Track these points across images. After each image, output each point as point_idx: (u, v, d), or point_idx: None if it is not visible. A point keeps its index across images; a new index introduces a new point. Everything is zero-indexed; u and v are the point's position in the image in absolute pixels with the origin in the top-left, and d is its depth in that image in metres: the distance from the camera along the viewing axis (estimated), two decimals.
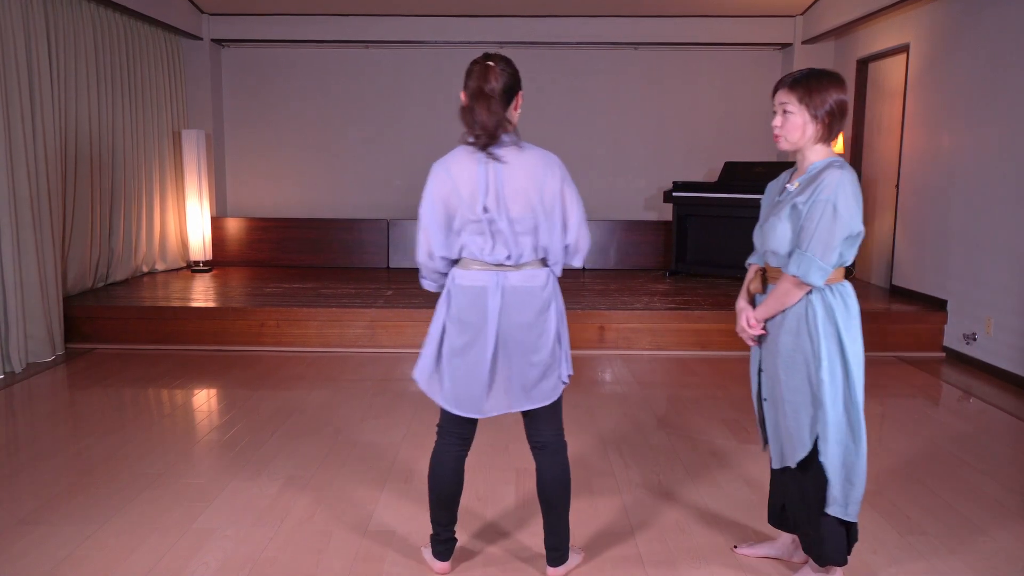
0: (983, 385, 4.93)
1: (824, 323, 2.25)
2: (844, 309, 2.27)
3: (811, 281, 2.21)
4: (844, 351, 2.26)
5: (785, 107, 2.26)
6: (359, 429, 3.98)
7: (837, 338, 2.26)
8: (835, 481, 2.30)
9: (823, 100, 2.22)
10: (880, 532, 2.91)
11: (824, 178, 2.19)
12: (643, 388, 4.78)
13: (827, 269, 2.20)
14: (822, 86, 2.23)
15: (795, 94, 2.24)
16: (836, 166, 2.22)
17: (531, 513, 3.01)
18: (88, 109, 6.21)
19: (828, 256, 2.19)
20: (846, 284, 2.31)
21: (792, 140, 2.28)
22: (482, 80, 2.23)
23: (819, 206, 2.18)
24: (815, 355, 2.26)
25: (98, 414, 4.22)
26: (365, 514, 3.03)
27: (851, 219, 2.18)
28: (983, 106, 5.32)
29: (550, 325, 2.36)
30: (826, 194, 2.17)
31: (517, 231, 2.28)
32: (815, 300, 2.26)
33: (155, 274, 7.36)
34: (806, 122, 2.24)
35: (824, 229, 2.17)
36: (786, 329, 2.31)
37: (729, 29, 7.79)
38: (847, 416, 2.29)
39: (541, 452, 2.47)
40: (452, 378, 2.38)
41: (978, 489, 3.31)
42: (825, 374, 2.25)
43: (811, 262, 2.20)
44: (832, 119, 2.24)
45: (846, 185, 2.17)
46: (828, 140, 2.28)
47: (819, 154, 2.29)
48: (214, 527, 2.90)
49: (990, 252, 5.20)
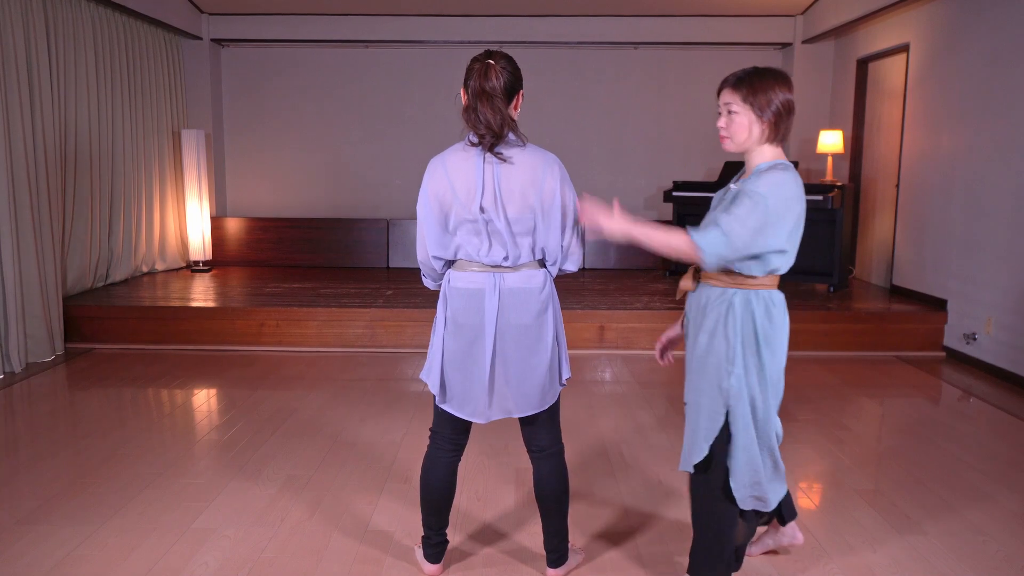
0: (983, 385, 4.92)
1: (742, 328, 2.16)
2: (766, 317, 2.17)
3: (701, 247, 2.07)
4: (761, 360, 2.17)
5: (730, 107, 2.16)
6: (358, 429, 3.98)
7: (755, 347, 2.16)
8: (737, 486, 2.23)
9: (768, 100, 2.12)
10: (879, 531, 2.91)
11: (763, 176, 2.11)
12: (643, 388, 4.78)
13: (725, 255, 2.07)
14: (767, 84, 2.13)
15: (739, 93, 2.14)
16: (780, 168, 2.14)
17: (530, 514, 3.01)
18: (88, 109, 6.21)
19: (735, 236, 2.05)
20: (775, 293, 2.20)
21: (738, 141, 2.19)
22: (483, 79, 2.21)
23: (747, 194, 2.09)
24: (728, 360, 2.17)
25: (98, 414, 4.22)
26: (364, 516, 3.02)
27: (778, 216, 2.06)
28: (983, 106, 5.31)
29: (548, 327, 2.35)
30: (762, 188, 2.07)
31: (515, 231, 2.26)
32: (737, 303, 2.16)
33: (155, 274, 7.36)
34: (752, 122, 2.14)
35: (744, 209, 2.06)
36: (704, 329, 2.22)
37: (729, 29, 7.78)
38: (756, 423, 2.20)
39: (539, 457, 2.47)
40: (455, 383, 2.37)
41: (978, 489, 3.31)
42: (735, 380, 2.17)
43: (715, 237, 2.07)
44: (778, 119, 2.14)
45: (784, 186, 2.08)
46: (775, 140, 2.19)
47: (766, 156, 2.19)
48: (213, 527, 2.90)
49: (990, 252, 5.20)
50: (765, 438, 2.24)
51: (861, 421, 4.27)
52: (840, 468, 3.54)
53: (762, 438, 2.24)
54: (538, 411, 2.39)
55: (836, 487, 3.33)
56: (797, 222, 2.13)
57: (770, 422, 2.24)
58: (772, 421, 2.24)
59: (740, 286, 2.18)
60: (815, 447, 3.79)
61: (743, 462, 2.23)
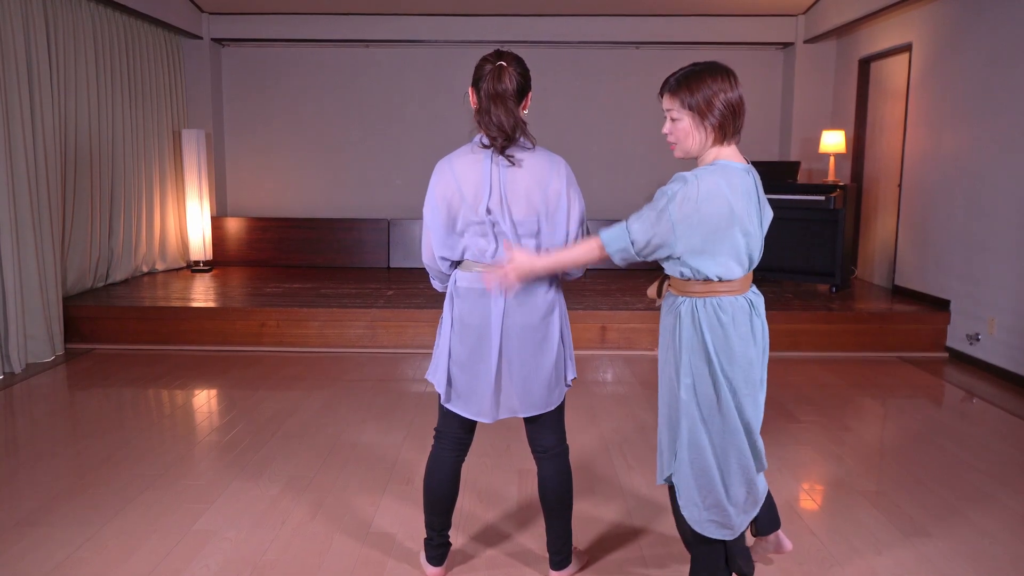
0: (986, 386, 4.91)
1: (689, 338, 2.05)
2: (717, 326, 2.04)
3: (604, 242, 2.06)
4: (713, 372, 2.04)
5: (671, 114, 2.03)
6: (360, 430, 3.97)
7: (705, 357, 2.04)
8: (684, 503, 2.12)
9: (708, 101, 1.97)
10: (883, 533, 2.89)
11: (684, 173, 2.01)
12: (645, 389, 4.76)
13: (627, 247, 2.04)
14: (705, 85, 1.97)
15: (677, 98, 2.00)
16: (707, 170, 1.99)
17: (533, 515, 2.99)
18: (88, 109, 6.19)
19: (636, 232, 2.01)
20: (727, 299, 2.05)
21: (685, 147, 2.05)
22: (496, 81, 2.20)
23: (659, 192, 2.01)
24: (678, 370, 2.08)
25: (98, 415, 4.20)
26: (366, 517, 3.01)
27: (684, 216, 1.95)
28: (986, 105, 5.30)
29: (554, 328, 2.34)
30: (672, 186, 1.98)
31: (520, 233, 2.26)
32: (684, 313, 2.07)
33: (155, 274, 7.34)
34: (694, 127, 2.00)
35: (649, 206, 2.00)
36: (664, 339, 2.16)
37: (730, 28, 7.77)
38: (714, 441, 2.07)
39: (543, 457, 2.46)
40: (461, 382, 2.36)
41: (981, 491, 3.29)
42: (684, 392, 2.06)
43: (617, 227, 2.04)
44: (723, 120, 1.99)
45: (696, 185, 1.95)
46: (725, 142, 2.04)
47: (710, 158, 2.05)
48: (214, 529, 2.88)
49: (994, 252, 5.19)
50: (724, 457, 2.09)
51: (864, 422, 4.25)
52: (843, 469, 3.52)
53: (721, 457, 2.09)
54: (543, 411, 2.38)
55: (839, 489, 3.32)
56: (718, 224, 1.97)
57: (734, 441, 2.07)
58: (738, 440, 2.08)
59: (687, 294, 2.08)
60: (818, 448, 3.78)
61: (689, 479, 2.10)
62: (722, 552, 2.19)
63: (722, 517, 2.12)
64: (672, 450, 2.15)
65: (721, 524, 2.13)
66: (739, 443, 2.09)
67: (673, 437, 2.14)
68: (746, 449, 2.10)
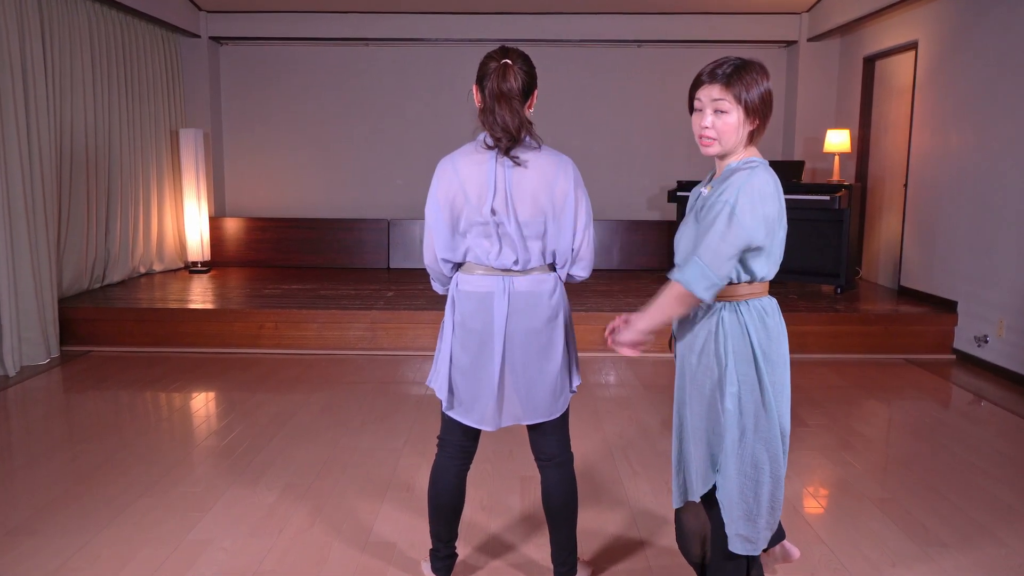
0: (995, 388, 4.84)
1: (736, 344, 1.96)
2: (762, 328, 1.97)
3: (694, 291, 1.89)
4: (760, 377, 1.96)
5: (719, 106, 1.91)
6: (359, 434, 3.90)
7: (752, 362, 1.96)
8: (729, 519, 2.02)
9: (761, 96, 1.92)
10: (898, 544, 2.82)
11: (731, 179, 1.91)
12: (648, 392, 4.70)
13: (716, 281, 1.88)
14: (757, 80, 1.91)
15: (732, 91, 1.90)
16: (748, 167, 1.92)
17: (537, 524, 2.92)
18: (84, 108, 6.12)
19: (719, 266, 1.87)
20: (767, 300, 2.00)
21: (727, 144, 1.95)
22: (501, 80, 2.11)
23: (715, 208, 1.89)
24: (721, 379, 1.97)
25: (94, 418, 4.13)
26: (366, 525, 2.94)
27: (751, 227, 1.87)
28: (993, 104, 5.23)
29: (559, 333, 2.27)
30: (727, 195, 1.88)
31: (526, 235, 2.18)
32: (726, 316, 1.97)
33: (152, 275, 7.27)
34: (742, 122, 1.92)
35: (716, 235, 1.86)
36: (694, 349, 2.02)
37: (734, 26, 7.70)
38: (755, 451, 1.99)
39: (547, 466, 2.38)
40: (463, 389, 2.29)
41: (994, 497, 3.22)
42: (730, 402, 1.96)
43: (696, 269, 1.88)
44: (765, 117, 1.95)
45: (750, 188, 1.87)
46: (757, 137, 1.98)
47: (739, 155, 1.98)
48: (210, 538, 2.81)
49: (1002, 252, 5.12)
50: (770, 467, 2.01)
51: (871, 425, 4.18)
52: (852, 474, 3.45)
53: (766, 467, 2.00)
54: (548, 419, 2.31)
55: (850, 495, 3.25)
56: (772, 223, 1.92)
57: (772, 449, 2.00)
58: (775, 448, 2.00)
59: (728, 298, 1.98)
60: (825, 452, 3.71)
61: (735, 493, 2.01)
62: (744, 568, 2.12)
63: (752, 531, 2.04)
64: (708, 467, 2.03)
65: (747, 539, 2.05)
66: (776, 450, 2.02)
67: (710, 452, 2.03)
68: (780, 456, 2.03)
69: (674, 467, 2.15)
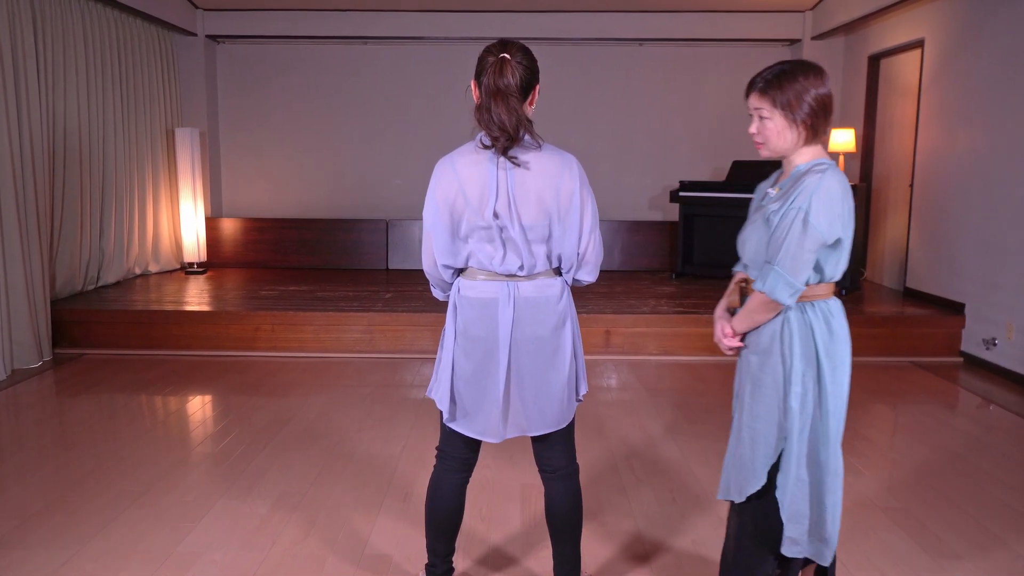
0: (1004, 392, 4.75)
1: (801, 345, 1.98)
2: (827, 331, 1.99)
3: (777, 299, 1.93)
4: (822, 378, 1.98)
5: (759, 112, 1.99)
6: (356, 440, 3.81)
7: (815, 363, 1.98)
8: (789, 520, 2.02)
9: (800, 99, 1.94)
10: (911, 556, 2.73)
11: (802, 183, 1.93)
12: (651, 395, 4.61)
13: (796, 286, 1.92)
14: (797, 83, 1.94)
15: (767, 98, 1.96)
16: (818, 170, 1.94)
17: (539, 536, 2.83)
18: (77, 106, 6.03)
19: (798, 272, 1.92)
20: (832, 302, 2.03)
21: (773, 148, 2.00)
22: (498, 75, 2.00)
23: (790, 215, 1.91)
24: (786, 379, 1.98)
25: (86, 423, 4.04)
26: (361, 536, 2.85)
27: (827, 228, 1.90)
28: (1002, 103, 5.14)
29: (566, 340, 2.17)
30: (799, 201, 1.90)
31: (530, 239, 2.08)
32: (792, 318, 1.99)
33: (148, 276, 7.18)
34: (784, 127, 1.96)
35: (793, 241, 1.91)
36: (758, 348, 2.04)
37: (737, 25, 7.61)
38: (815, 452, 2.01)
39: (552, 478, 2.29)
40: (466, 399, 2.19)
41: (1007, 505, 3.13)
42: (795, 401, 1.97)
43: (777, 278, 1.93)
44: (815, 119, 1.96)
45: (822, 192, 1.89)
46: (815, 140, 2.00)
47: (805, 156, 2.00)
48: (199, 551, 2.72)
49: (1010, 253, 5.02)
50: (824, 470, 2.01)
51: (879, 431, 4.09)
52: (861, 482, 3.36)
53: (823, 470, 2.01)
54: (554, 430, 2.22)
55: (860, 504, 3.15)
56: (846, 222, 1.95)
57: (829, 453, 2.00)
58: (832, 452, 2.00)
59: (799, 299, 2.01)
60: None
61: (797, 493, 2.01)
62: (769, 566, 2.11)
63: (799, 533, 2.04)
64: (766, 464, 2.03)
65: (795, 541, 2.05)
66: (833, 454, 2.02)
67: (771, 452, 2.02)
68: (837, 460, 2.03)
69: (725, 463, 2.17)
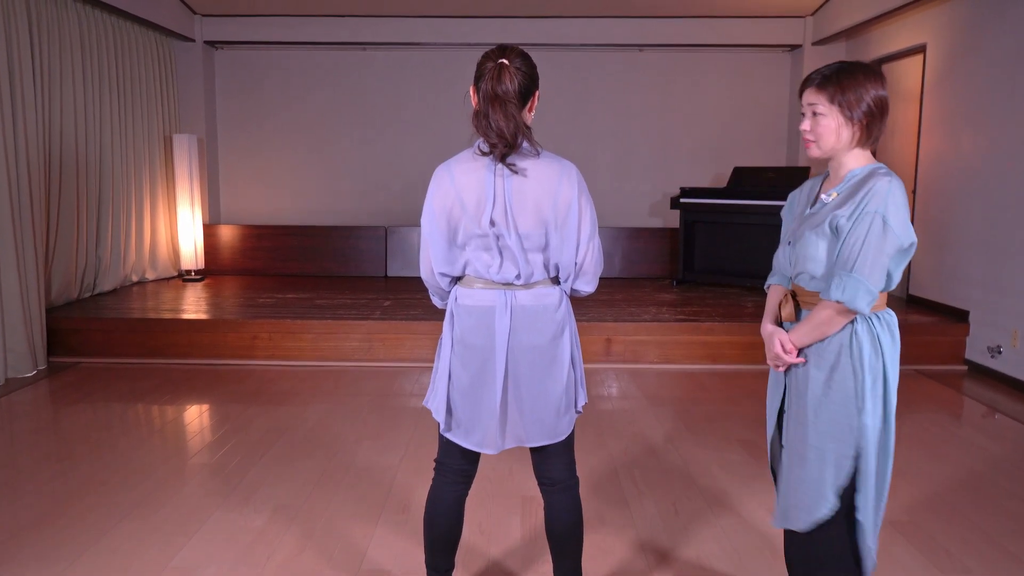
0: (1009, 401, 4.70)
1: (871, 358, 1.91)
2: (891, 343, 1.95)
3: (857, 307, 1.86)
4: (887, 392, 1.93)
5: (815, 108, 1.94)
6: (354, 450, 3.75)
7: (883, 377, 1.93)
8: (871, 542, 1.97)
9: (859, 98, 1.89)
10: (921, 572, 2.67)
11: (871, 187, 1.88)
12: (652, 404, 4.55)
13: (875, 293, 1.87)
14: (856, 82, 1.90)
15: (825, 93, 1.92)
16: (883, 173, 1.90)
17: (539, 550, 2.78)
18: (74, 113, 5.98)
19: (877, 277, 1.86)
20: (891, 313, 1.98)
21: (825, 146, 1.95)
22: (496, 81, 1.97)
23: (867, 219, 1.86)
24: (858, 395, 1.91)
25: (81, 433, 3.98)
26: (359, 550, 2.79)
27: (903, 232, 1.87)
28: (1005, 108, 5.09)
29: (564, 351, 2.12)
30: (874, 205, 1.85)
31: (526, 248, 2.04)
32: (861, 331, 1.92)
33: (144, 284, 7.13)
34: (840, 125, 1.91)
35: (873, 246, 1.85)
36: (821, 363, 1.96)
37: (737, 30, 7.57)
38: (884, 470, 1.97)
39: (552, 491, 2.23)
40: (463, 409, 2.14)
41: (1016, 516, 3.08)
42: (869, 419, 1.91)
43: (858, 285, 1.85)
44: (871, 119, 1.91)
45: (896, 195, 1.87)
46: (867, 143, 1.96)
47: (858, 160, 1.96)
48: (192, 566, 2.66)
49: (1015, 260, 4.98)
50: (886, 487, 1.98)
51: None
52: None
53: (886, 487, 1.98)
54: (552, 441, 2.17)
55: None
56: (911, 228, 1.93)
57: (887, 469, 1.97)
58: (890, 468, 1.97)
59: None
60: None
61: (872, 512, 1.96)
62: None
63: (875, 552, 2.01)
64: (836, 489, 1.95)
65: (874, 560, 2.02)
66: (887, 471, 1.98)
67: (842, 473, 1.94)
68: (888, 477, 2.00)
69: (780, 488, 2.10)
